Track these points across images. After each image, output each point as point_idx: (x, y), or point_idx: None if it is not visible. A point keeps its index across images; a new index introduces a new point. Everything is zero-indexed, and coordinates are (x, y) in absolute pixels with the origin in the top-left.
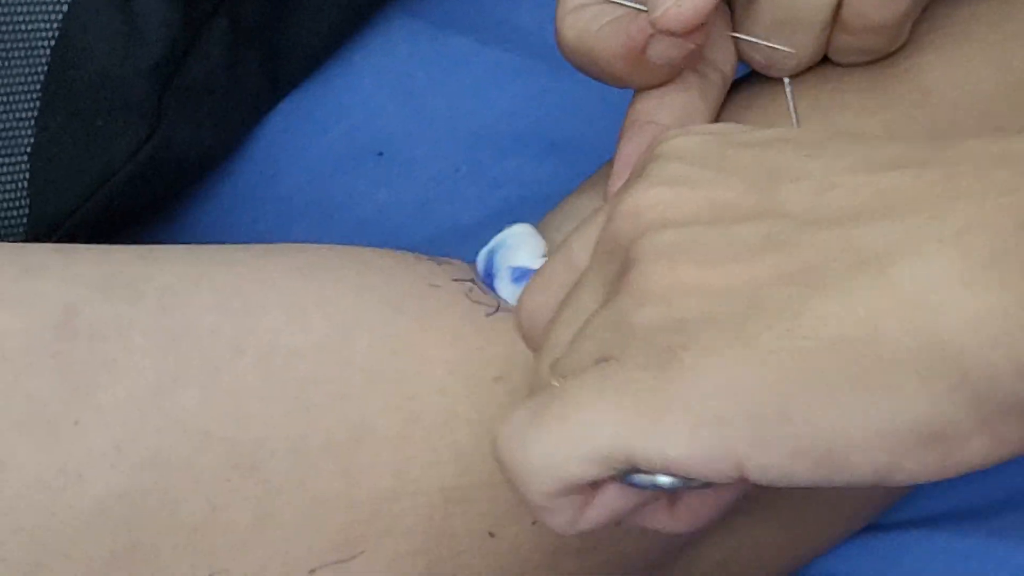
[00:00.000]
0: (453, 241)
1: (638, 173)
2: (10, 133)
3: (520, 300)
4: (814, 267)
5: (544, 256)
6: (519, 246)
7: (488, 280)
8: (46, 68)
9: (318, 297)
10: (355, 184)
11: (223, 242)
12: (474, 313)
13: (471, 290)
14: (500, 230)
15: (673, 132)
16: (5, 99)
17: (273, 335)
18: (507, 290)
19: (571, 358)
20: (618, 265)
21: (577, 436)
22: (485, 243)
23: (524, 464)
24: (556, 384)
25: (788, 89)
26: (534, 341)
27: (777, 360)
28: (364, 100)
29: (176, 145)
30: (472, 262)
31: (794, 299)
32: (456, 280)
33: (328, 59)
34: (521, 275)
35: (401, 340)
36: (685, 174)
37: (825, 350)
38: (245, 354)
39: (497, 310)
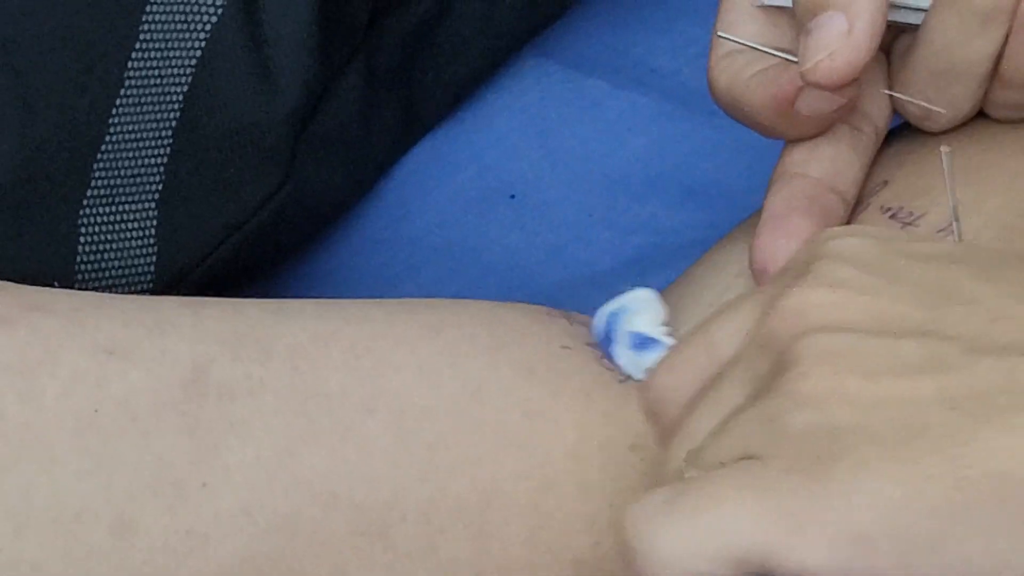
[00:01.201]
0: (585, 288)
1: (800, 270)
2: (139, 179)
3: (651, 378)
4: (980, 396)
5: (665, 325)
6: (640, 311)
7: (605, 344)
8: (178, 115)
9: (449, 356)
10: (486, 227)
11: (352, 286)
12: (606, 378)
13: (603, 356)
14: (634, 279)
15: (840, 230)
16: (136, 145)
17: (404, 395)
18: (625, 356)
19: (711, 450)
20: (771, 362)
21: (712, 532)
22: (618, 291)
23: (651, 552)
24: (692, 475)
25: (945, 161)
26: (660, 421)
27: (937, 486)
28: (496, 142)
29: (309, 193)
30: None
31: (961, 427)
32: (589, 344)
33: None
34: (640, 343)
35: (533, 403)
36: (852, 278)
37: (989, 484)
38: (375, 414)
39: (629, 378)
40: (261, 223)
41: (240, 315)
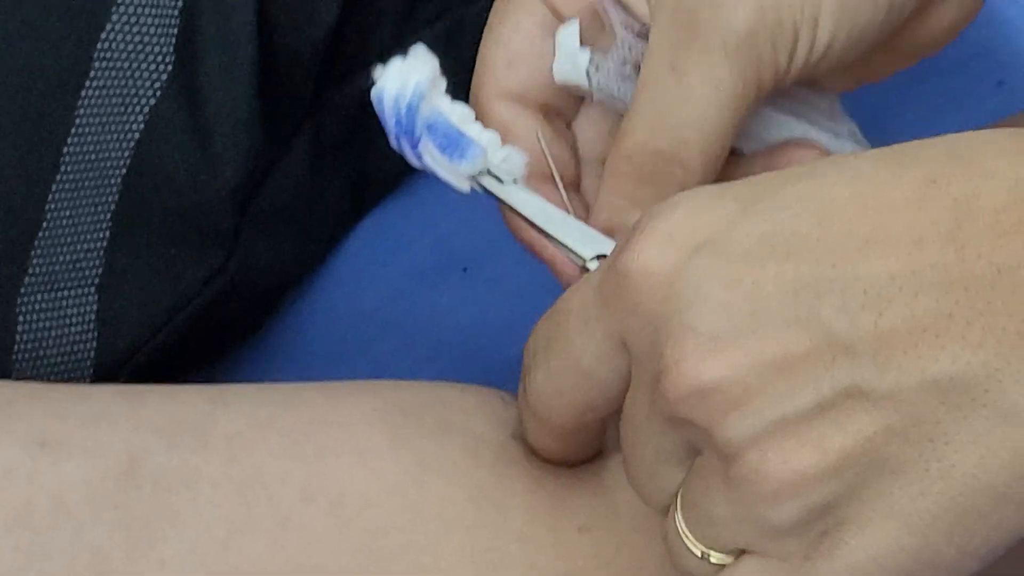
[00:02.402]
0: None
1: (655, 322)
2: (79, 264)
3: (527, 392)
4: (916, 419)
5: (458, 103)
6: (430, 86)
7: (402, 136)
8: (117, 197)
9: (392, 440)
10: (439, 301)
11: (303, 362)
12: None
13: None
14: None
15: (655, 251)
16: (74, 229)
17: (344, 481)
18: (438, 162)
19: (707, 537)
20: (693, 435)
21: None
22: None
23: None
24: (714, 558)
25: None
26: (543, 440)
27: (934, 509)
28: (449, 212)
29: (254, 270)
30: None
31: (923, 453)
32: None
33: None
34: (449, 142)
35: (479, 487)
36: (717, 329)
37: (974, 499)
38: (314, 502)
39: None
40: (204, 303)
41: (176, 402)
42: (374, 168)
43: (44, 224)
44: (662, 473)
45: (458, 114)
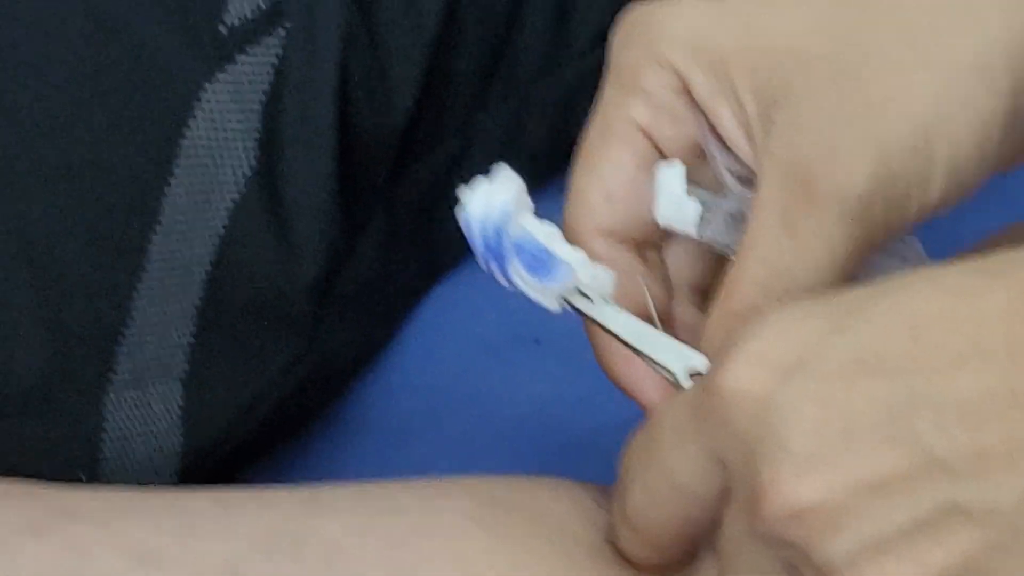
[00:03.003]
0: (618, 437)
1: (750, 442)
2: (164, 362)
3: (621, 519)
4: (1017, 533)
5: (547, 223)
6: (518, 207)
7: (490, 257)
8: (202, 293)
9: (488, 550)
10: (511, 374)
11: (373, 436)
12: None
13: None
14: None
15: (749, 374)
16: (159, 328)
17: None
18: (526, 282)
19: None
20: (791, 554)
21: None
22: None
23: None
24: None
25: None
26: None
27: None
28: None
29: (332, 355)
30: None
31: (1020, 571)
32: None
33: None
34: (537, 262)
35: None
36: (811, 449)
37: None
38: None
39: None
40: (285, 390)
41: (271, 509)
42: (446, 242)
43: (129, 323)
44: None
45: (545, 233)
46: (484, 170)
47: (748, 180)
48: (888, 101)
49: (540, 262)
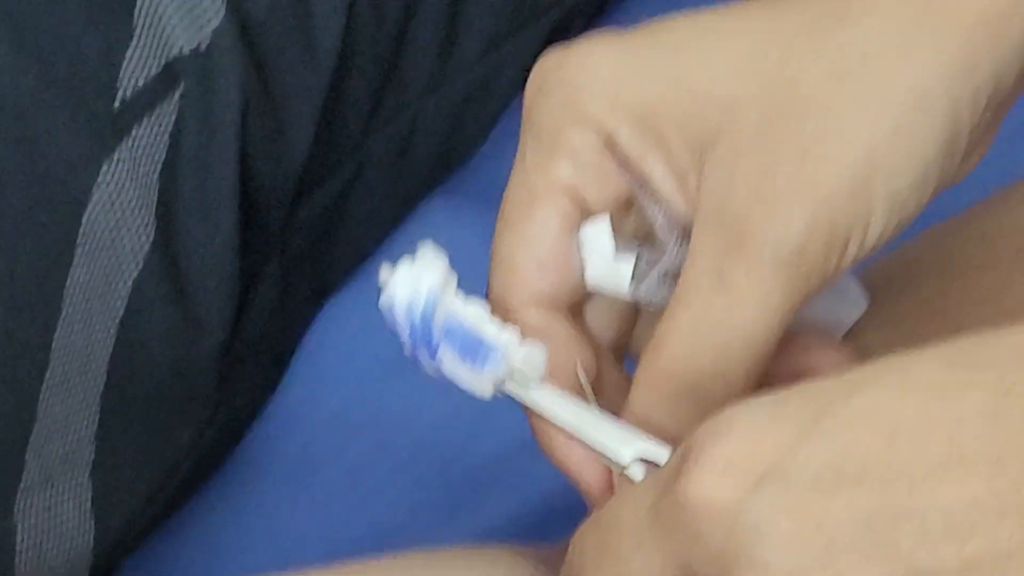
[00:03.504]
0: (521, 457)
1: (724, 559)
2: (71, 456)
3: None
4: None
5: (479, 306)
6: (444, 288)
7: (418, 343)
8: (104, 379)
9: None
10: (409, 394)
11: (272, 473)
12: None
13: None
14: None
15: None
16: (64, 422)
17: None
18: (460, 371)
19: None
20: None
21: None
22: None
23: None
24: None
25: None
26: None
27: None
28: None
29: (236, 412)
30: None
31: None
32: None
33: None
34: (467, 349)
35: None
36: (789, 566)
37: None
38: None
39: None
40: (194, 461)
41: None
42: (335, 265)
43: (36, 425)
44: None
45: (472, 315)
46: (375, 192)
47: (682, 235)
48: (822, 143)
49: (471, 349)
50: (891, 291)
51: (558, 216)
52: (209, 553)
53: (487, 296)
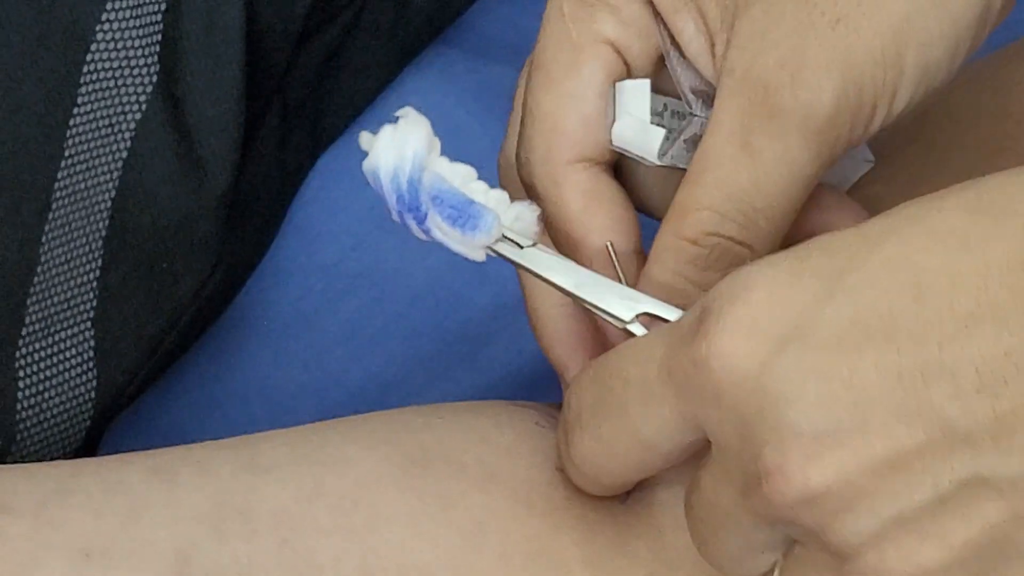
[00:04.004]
0: (517, 311)
1: (746, 421)
2: (73, 302)
3: (574, 460)
4: None
5: (465, 168)
6: (429, 155)
7: (407, 210)
8: (107, 222)
9: (442, 498)
10: (404, 246)
11: (268, 325)
12: (607, 498)
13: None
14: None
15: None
16: (67, 267)
17: (400, 553)
18: (449, 235)
19: None
20: (797, 533)
21: None
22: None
23: None
24: None
25: None
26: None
27: None
28: None
29: (238, 265)
30: None
31: None
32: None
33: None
34: (456, 213)
35: (536, 542)
36: (819, 428)
37: None
38: None
39: (631, 489)
40: (196, 312)
41: (215, 479)
42: (332, 113)
43: (39, 269)
44: (751, 560)
45: (460, 176)
46: (373, 40)
47: (711, 99)
48: (857, 13)
49: (461, 212)
50: (900, 142)
51: (603, 72)
52: (203, 407)
53: (518, 157)
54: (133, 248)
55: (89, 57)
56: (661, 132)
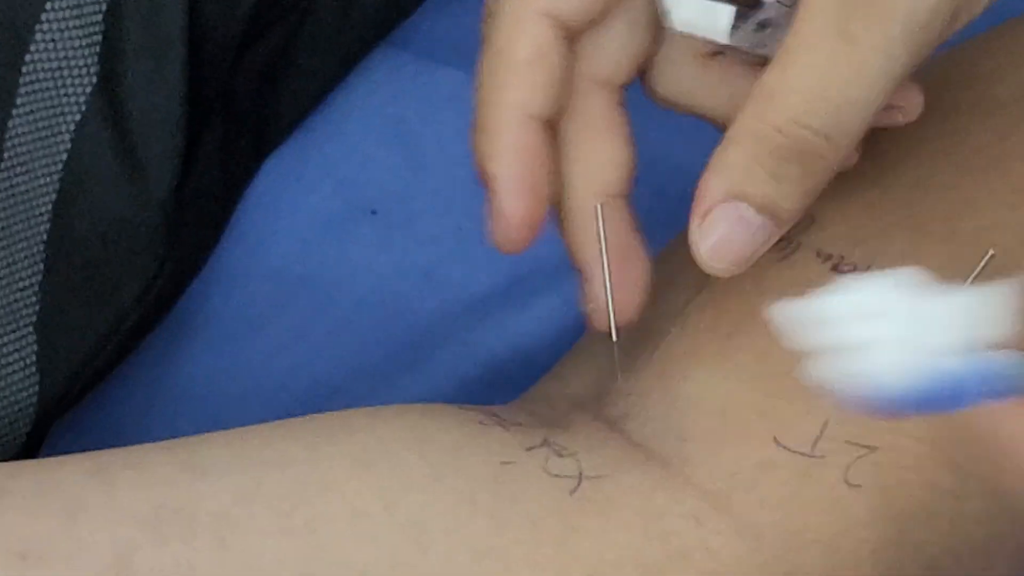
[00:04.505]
0: (464, 318)
1: None
2: (15, 307)
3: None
4: None
5: None
6: None
7: None
8: (48, 227)
9: (383, 497)
10: (350, 251)
11: (213, 332)
12: (554, 494)
13: (547, 460)
14: (515, 304)
15: None
16: (8, 271)
17: (342, 554)
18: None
19: None
20: None
21: None
22: (500, 321)
23: None
24: None
25: None
26: None
27: None
28: (350, 151)
29: (182, 268)
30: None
31: None
32: (530, 449)
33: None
34: None
35: (480, 541)
36: None
37: None
38: None
39: (580, 483)
40: (138, 318)
41: (154, 480)
42: (278, 115)
43: None
44: None
45: None
46: (319, 43)
47: None
48: None
49: None
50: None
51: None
52: (146, 411)
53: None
54: (75, 252)
55: (28, 57)
56: (729, 9)
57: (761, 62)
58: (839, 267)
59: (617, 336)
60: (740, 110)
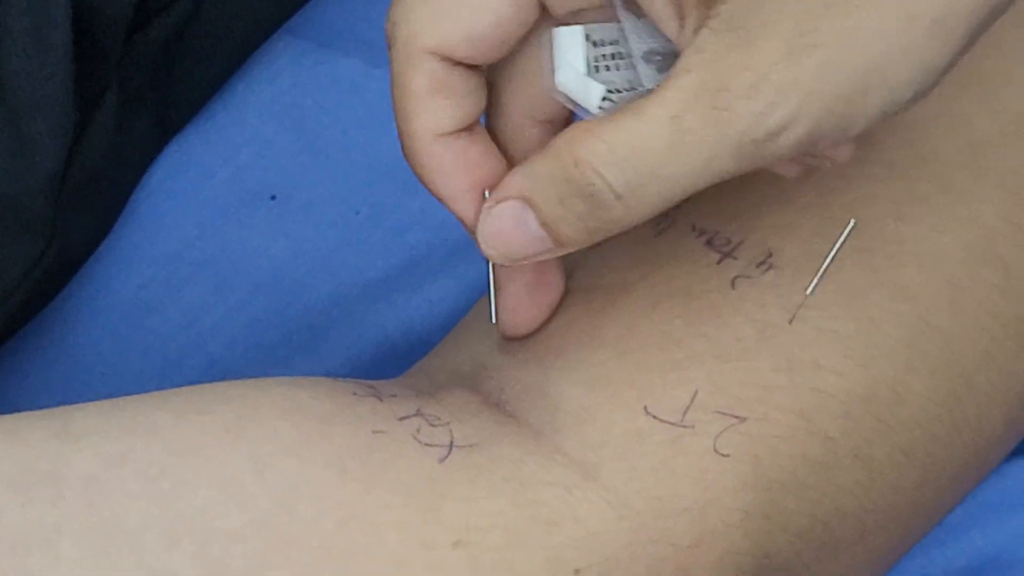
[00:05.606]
0: (359, 302)
1: None
2: None
3: None
4: None
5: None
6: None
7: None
8: None
9: (253, 463)
10: (248, 236)
11: (109, 314)
12: (425, 461)
13: (419, 429)
14: (409, 286)
15: None
16: None
17: (208, 519)
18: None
19: None
20: None
21: None
22: (394, 304)
23: None
24: None
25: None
26: None
27: None
28: (250, 138)
29: (71, 246)
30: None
31: None
32: (402, 419)
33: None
34: None
35: (348, 506)
36: None
37: None
38: (179, 546)
39: (450, 452)
40: (24, 295)
41: (24, 446)
42: (177, 101)
43: None
44: None
45: None
46: (215, 27)
47: (658, 58)
48: (832, 45)
49: None
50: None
51: None
52: (38, 390)
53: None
54: None
55: None
56: (601, 88)
57: None
58: (713, 241)
59: (495, 319)
60: (571, 128)
